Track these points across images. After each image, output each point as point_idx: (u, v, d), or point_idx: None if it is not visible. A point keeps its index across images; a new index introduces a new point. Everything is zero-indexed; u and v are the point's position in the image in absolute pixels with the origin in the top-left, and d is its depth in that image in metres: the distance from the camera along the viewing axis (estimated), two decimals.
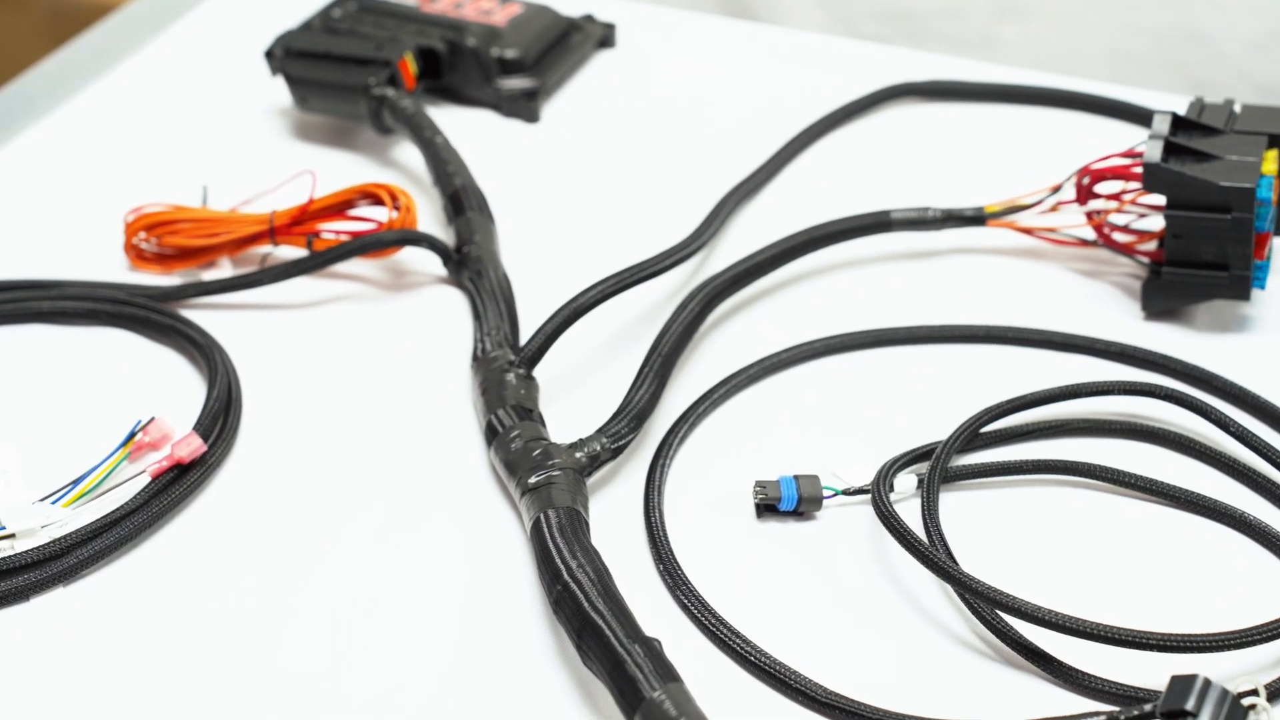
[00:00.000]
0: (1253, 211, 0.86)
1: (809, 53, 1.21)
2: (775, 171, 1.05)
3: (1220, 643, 0.70)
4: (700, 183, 1.02)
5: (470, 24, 1.12)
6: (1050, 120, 1.12)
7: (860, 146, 1.09)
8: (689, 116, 1.13)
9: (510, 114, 1.11)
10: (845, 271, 0.97)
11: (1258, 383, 0.86)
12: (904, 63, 1.18)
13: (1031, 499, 0.81)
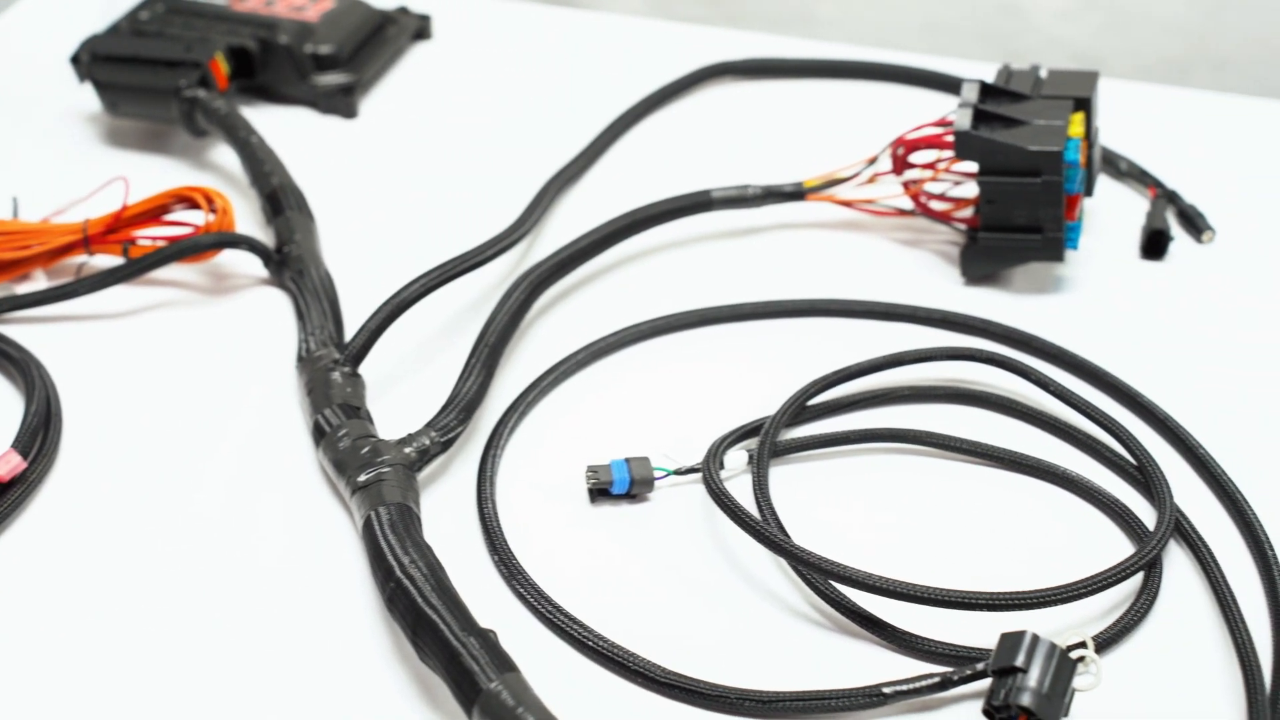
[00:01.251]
0: (1062, 174, 0.88)
1: (628, 37, 1.22)
2: (596, 156, 1.05)
3: (1048, 598, 0.71)
4: (523, 171, 1.01)
5: (282, 21, 1.10)
6: (867, 93, 1.14)
7: (680, 128, 1.10)
8: (509, 105, 1.12)
9: (327, 110, 1.10)
10: (669, 252, 0.97)
11: (1075, 341, 0.88)
12: (722, 43, 1.18)
13: (860, 468, 0.82)
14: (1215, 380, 0.87)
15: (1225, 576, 0.74)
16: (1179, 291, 0.94)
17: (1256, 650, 0.70)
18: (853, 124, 1.08)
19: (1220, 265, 0.96)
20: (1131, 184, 1.03)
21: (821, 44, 1.20)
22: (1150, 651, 0.72)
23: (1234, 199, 1.01)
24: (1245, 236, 0.98)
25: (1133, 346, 0.89)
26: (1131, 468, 0.80)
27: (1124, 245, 0.97)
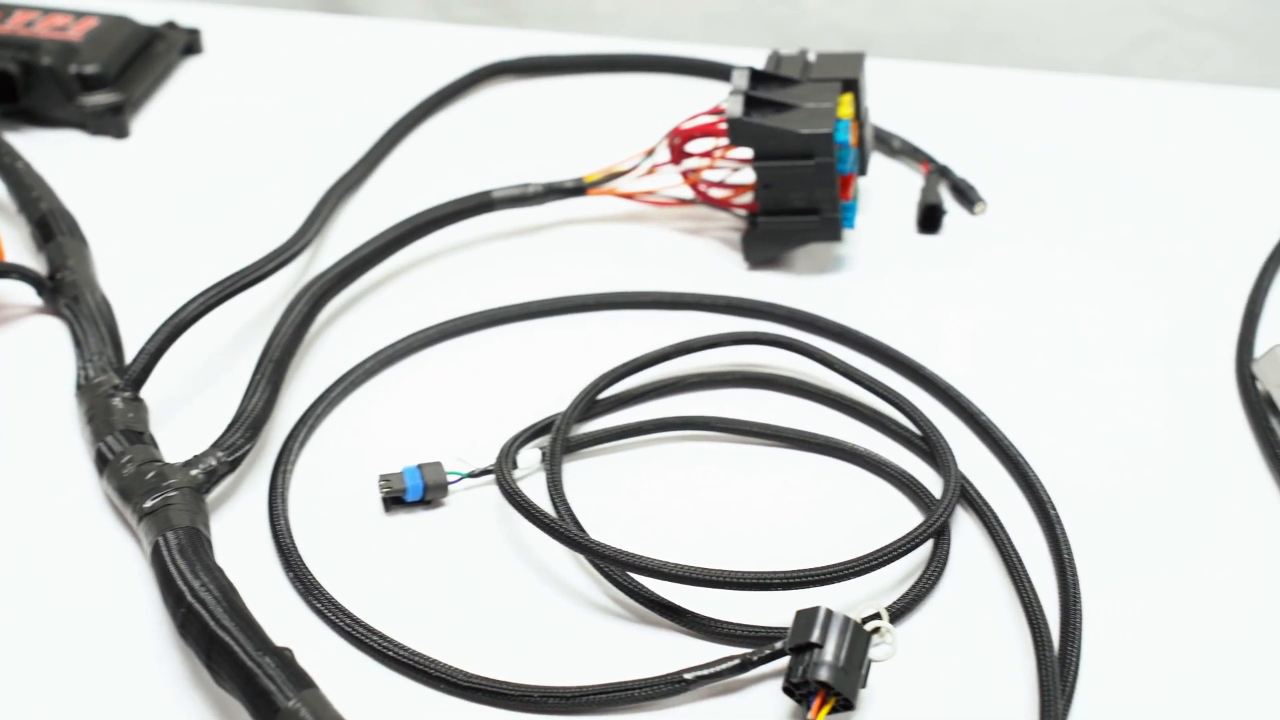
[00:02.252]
0: (834, 155, 0.89)
1: (406, 41, 1.21)
2: (375, 163, 1.04)
3: (841, 573, 0.72)
4: (303, 182, 1.00)
5: (44, 41, 1.08)
6: (646, 86, 1.14)
7: (460, 130, 1.09)
8: (286, 116, 1.11)
9: (97, 131, 1.08)
10: (453, 255, 0.96)
11: (858, 318, 0.90)
12: (501, 42, 1.18)
13: (654, 457, 0.83)
14: (994, 348, 0.89)
15: (1011, 539, 0.76)
16: (955, 263, 0.96)
17: (1044, 608, 0.72)
18: (632, 117, 1.08)
19: (994, 235, 0.99)
20: (905, 161, 1.05)
21: (600, 39, 1.20)
22: (943, 617, 0.74)
23: (1004, 169, 1.04)
24: (1016, 205, 1.01)
25: (914, 320, 0.91)
26: (917, 439, 0.82)
27: (900, 221, 0.99)
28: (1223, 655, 0.72)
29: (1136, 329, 0.91)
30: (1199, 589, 0.75)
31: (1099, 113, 1.13)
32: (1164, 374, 0.88)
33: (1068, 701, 0.68)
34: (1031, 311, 0.92)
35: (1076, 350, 0.90)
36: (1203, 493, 0.80)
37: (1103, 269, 0.96)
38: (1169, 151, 1.07)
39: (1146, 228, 1.00)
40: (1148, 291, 0.94)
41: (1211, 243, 0.98)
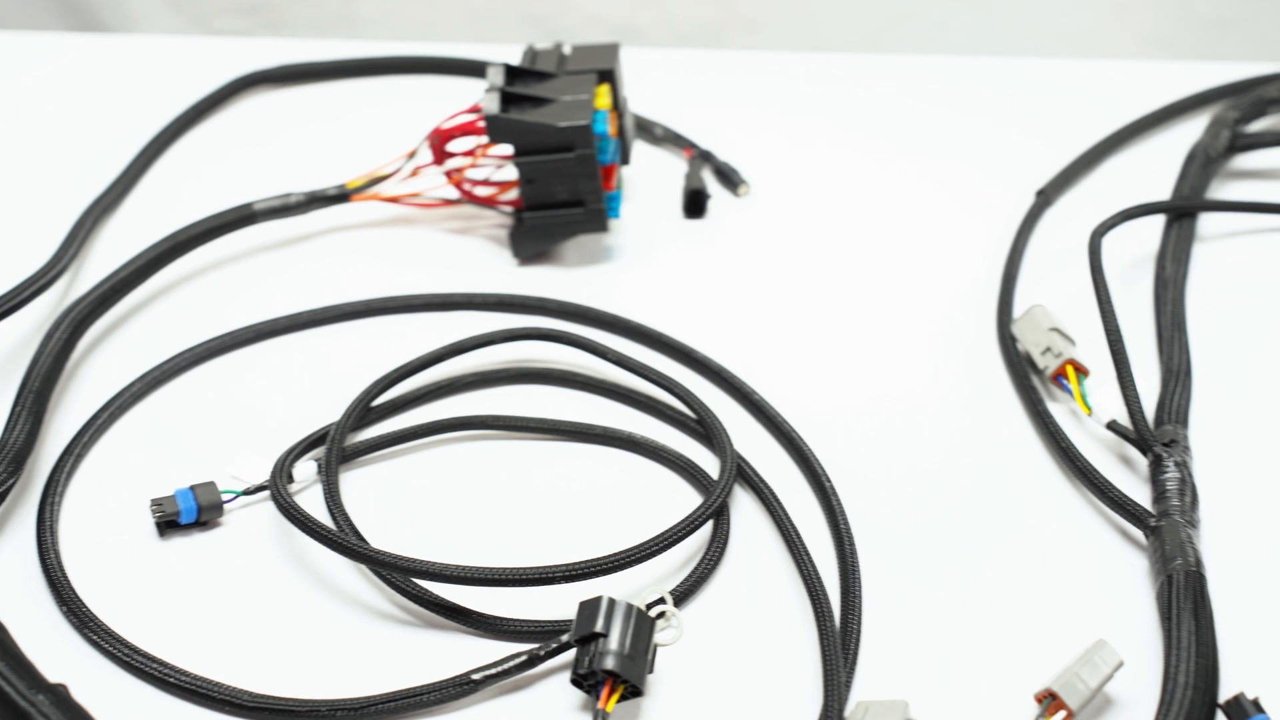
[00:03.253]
0: (593, 146, 0.90)
1: (162, 56, 1.19)
2: (133, 182, 1.02)
3: (624, 561, 0.72)
4: (59, 206, 0.97)
5: None
6: (408, 87, 1.14)
7: (219, 143, 1.07)
8: (38, 139, 1.08)
9: None
10: (218, 271, 0.95)
11: (629, 306, 0.90)
12: (262, 52, 1.16)
13: (434, 460, 0.82)
14: (764, 327, 0.90)
15: (789, 514, 0.77)
16: (722, 246, 0.97)
17: (823, 581, 0.73)
18: (396, 120, 1.07)
19: (759, 216, 1.00)
20: (668, 148, 1.05)
21: (364, 43, 1.19)
22: (727, 596, 0.74)
23: (768, 150, 1.05)
24: (780, 185, 1.02)
25: (684, 304, 0.92)
26: (692, 422, 0.82)
27: (667, 208, 1.00)
28: (997, 609, 0.73)
29: (901, 298, 0.93)
30: (973, 547, 0.77)
31: (859, 89, 1.15)
32: (929, 340, 0.90)
33: (850, 670, 0.70)
34: (800, 288, 0.94)
35: (845, 323, 0.91)
36: (972, 453, 0.82)
37: (866, 242, 0.98)
38: (924, 122, 1.10)
39: (908, 197, 1.02)
40: (910, 261, 0.96)
41: (970, 209, 1.01)
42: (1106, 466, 0.80)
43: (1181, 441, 0.79)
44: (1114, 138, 1.05)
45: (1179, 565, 0.72)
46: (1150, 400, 0.83)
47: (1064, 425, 0.82)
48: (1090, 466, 0.79)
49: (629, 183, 0.99)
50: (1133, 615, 0.73)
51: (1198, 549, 0.73)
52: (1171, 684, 0.67)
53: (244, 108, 1.11)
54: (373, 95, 1.13)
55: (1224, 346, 0.89)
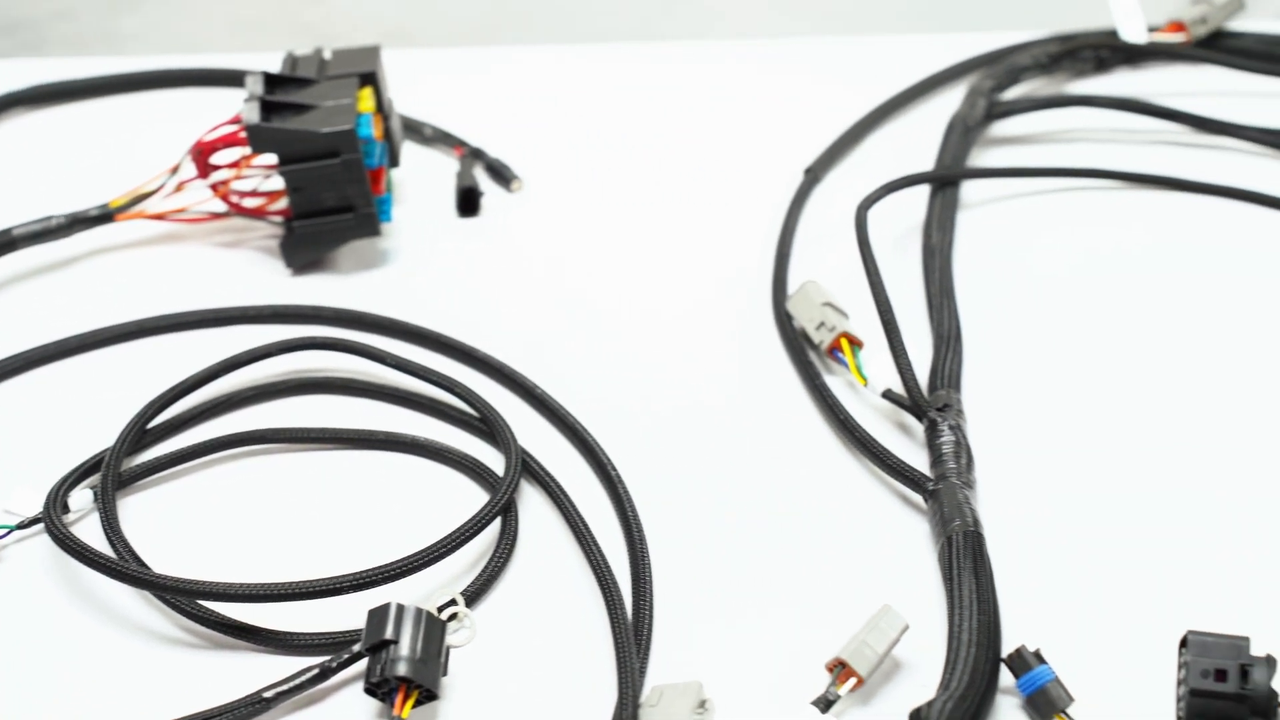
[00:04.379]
0: (359, 151, 0.89)
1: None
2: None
3: (412, 565, 0.72)
4: None
5: None
6: (173, 102, 1.12)
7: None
8: None
9: None
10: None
11: (408, 309, 0.89)
12: (21, 73, 1.13)
13: (216, 479, 0.81)
14: (544, 321, 0.91)
15: (576, 506, 0.77)
16: (498, 242, 0.97)
17: (613, 571, 0.73)
18: (160, 135, 1.05)
19: (534, 210, 1.00)
20: (439, 147, 1.05)
21: (127, 59, 1.16)
22: (519, 593, 0.74)
23: (541, 144, 1.06)
24: (554, 177, 1.03)
25: (463, 303, 0.91)
26: (476, 421, 0.82)
27: (440, 208, 0.99)
28: (786, 583, 0.74)
29: (678, 284, 0.94)
30: (760, 524, 0.78)
31: (631, 78, 1.15)
32: (707, 323, 0.91)
33: (645, 656, 0.70)
34: (578, 280, 0.94)
35: (624, 312, 0.92)
36: (754, 431, 0.83)
37: (641, 230, 0.99)
38: (695, 107, 1.11)
39: (681, 183, 1.03)
40: (686, 246, 0.97)
41: (742, 191, 1.02)
42: (885, 435, 0.81)
43: (955, 405, 0.81)
44: (877, 112, 1.07)
45: (957, 526, 0.73)
46: (925, 367, 0.85)
47: (842, 397, 0.83)
48: (868, 436, 0.80)
49: (400, 185, 0.99)
50: (918, 578, 0.74)
51: (975, 509, 0.75)
52: (955, 642, 0.68)
53: (3, 131, 1.08)
54: (135, 112, 1.10)
55: (991, 309, 0.91)
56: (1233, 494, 0.79)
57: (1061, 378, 0.87)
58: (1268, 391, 0.86)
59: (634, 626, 0.71)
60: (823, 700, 0.67)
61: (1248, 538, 0.77)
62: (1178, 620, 0.69)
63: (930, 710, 0.65)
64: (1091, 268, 0.95)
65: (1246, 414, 0.84)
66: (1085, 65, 1.13)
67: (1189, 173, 1.02)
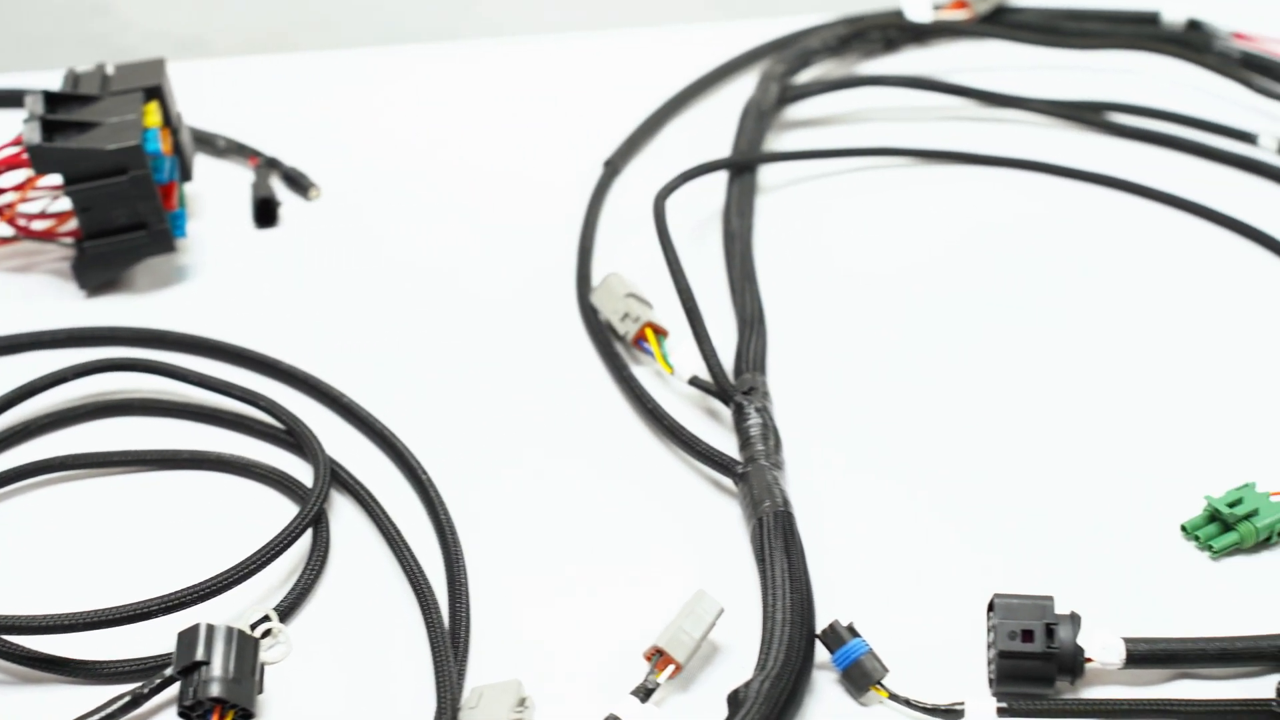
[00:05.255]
0: (147, 166, 0.87)
1: None
2: None
3: (222, 584, 0.71)
4: None
5: None
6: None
7: None
8: None
9: None
10: None
11: (210, 325, 0.88)
12: None
13: (18, 509, 0.78)
14: (351, 327, 0.90)
15: (387, 513, 0.76)
16: (299, 252, 0.96)
17: (428, 575, 0.73)
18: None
19: (333, 217, 0.99)
20: (234, 159, 1.03)
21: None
22: (335, 604, 0.73)
23: (340, 149, 1.05)
24: (353, 183, 1.02)
25: (265, 315, 0.90)
26: (283, 434, 0.81)
27: (237, 220, 0.98)
28: (604, 575, 0.75)
29: (483, 283, 0.94)
30: (576, 518, 0.78)
31: (429, 78, 1.15)
32: (514, 321, 0.91)
33: (463, 659, 0.70)
34: (383, 285, 0.93)
35: (429, 315, 0.91)
36: (566, 426, 0.83)
37: (444, 230, 0.98)
38: (493, 106, 1.11)
39: (481, 183, 1.03)
40: (489, 245, 0.97)
41: (543, 187, 1.02)
42: (693, 421, 0.82)
43: (760, 388, 0.82)
44: (672, 102, 1.08)
45: (768, 507, 0.74)
46: (731, 351, 0.86)
47: (650, 387, 0.84)
48: (676, 424, 0.81)
49: (194, 199, 0.97)
50: (732, 561, 0.75)
51: (784, 489, 0.76)
52: (770, 622, 0.69)
53: None
54: None
55: (794, 290, 0.92)
56: (1030, 459, 0.81)
57: (864, 354, 0.88)
58: (1059, 357, 0.88)
59: (451, 629, 0.71)
60: (642, 689, 0.67)
61: (1046, 501, 0.79)
62: (985, 586, 0.71)
63: (748, 691, 0.66)
64: (888, 243, 0.97)
65: (1041, 380, 0.86)
66: (874, 46, 1.15)
67: (978, 146, 1.04)
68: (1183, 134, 1.05)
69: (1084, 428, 0.83)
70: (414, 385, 0.86)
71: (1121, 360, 0.88)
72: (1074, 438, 0.83)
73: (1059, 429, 0.83)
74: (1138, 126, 1.06)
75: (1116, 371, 0.87)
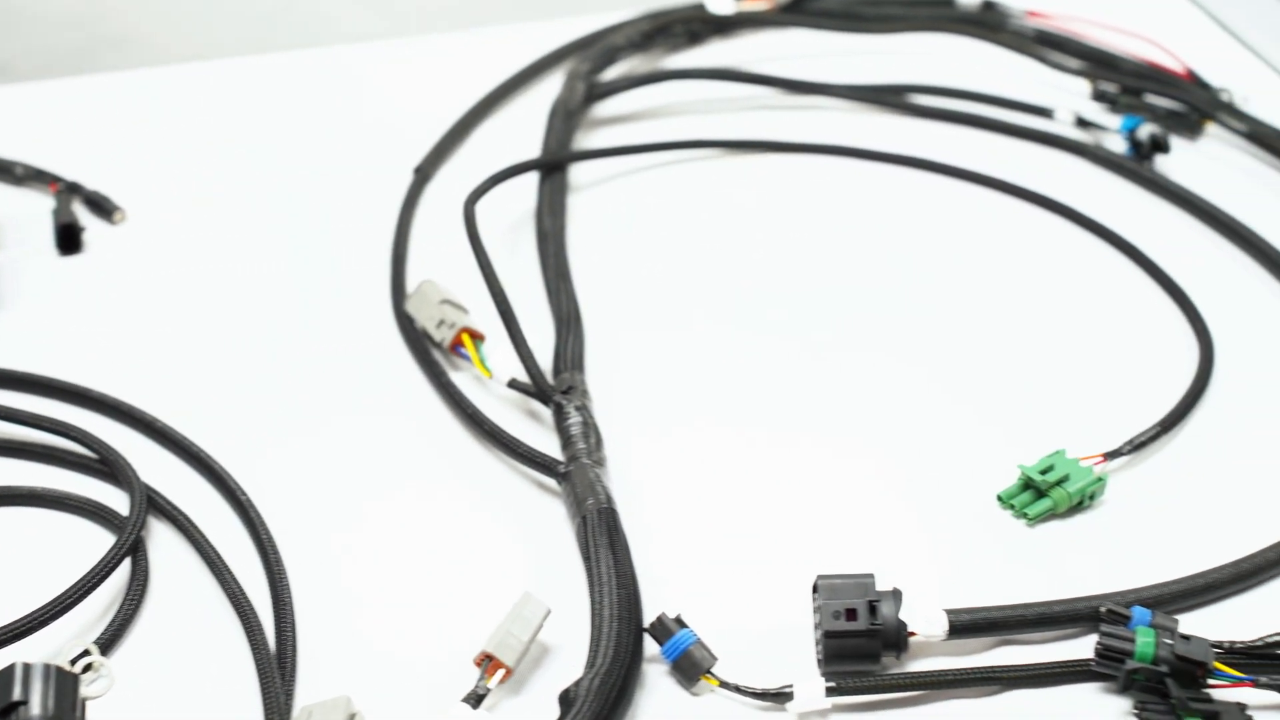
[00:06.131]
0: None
1: None
2: None
3: (38, 620, 0.69)
4: None
5: None
6: None
7: None
8: None
9: None
10: None
11: (11, 357, 0.86)
12: None
13: None
14: (163, 351, 0.88)
15: (207, 537, 0.75)
16: (105, 277, 0.94)
17: (252, 600, 0.72)
18: None
19: (140, 240, 0.97)
20: (33, 186, 1.01)
21: None
22: (157, 633, 0.72)
23: (146, 171, 1.03)
24: (160, 204, 1.00)
25: (74, 343, 0.88)
26: (96, 463, 0.79)
27: (40, 248, 0.96)
28: (432, 584, 0.74)
29: (297, 297, 0.92)
30: (401, 527, 0.77)
31: (231, 93, 1.13)
32: (329, 333, 0.90)
33: (290, 679, 0.69)
34: (194, 306, 0.92)
35: (244, 331, 0.90)
36: (387, 436, 0.83)
37: (256, 245, 0.97)
38: (300, 117, 1.09)
39: (291, 196, 1.01)
40: (302, 258, 0.95)
41: (356, 197, 1.01)
42: (515, 424, 0.82)
43: (580, 386, 0.82)
44: (480, 105, 1.07)
45: (591, 505, 0.74)
46: (551, 351, 0.86)
47: (470, 392, 0.84)
48: (497, 427, 0.81)
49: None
50: (560, 561, 0.75)
51: (607, 486, 0.76)
52: (598, 619, 0.69)
53: None
54: None
55: (610, 286, 0.92)
56: (847, 440, 0.83)
57: (681, 346, 0.89)
58: (871, 336, 0.89)
59: (278, 649, 0.70)
60: (473, 696, 0.67)
61: (866, 480, 0.80)
62: (809, 568, 0.71)
63: (578, 689, 0.66)
64: (700, 234, 0.98)
65: (854, 360, 0.88)
66: (679, 40, 1.16)
67: (784, 134, 1.05)
68: (982, 112, 1.07)
69: (898, 406, 0.85)
70: (230, 406, 0.85)
71: (932, 336, 0.89)
72: (889, 416, 0.84)
73: (874, 409, 0.84)
74: (938, 106, 1.08)
75: (927, 347, 0.89)
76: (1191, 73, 1.09)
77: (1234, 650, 0.69)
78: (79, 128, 1.09)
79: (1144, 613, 0.70)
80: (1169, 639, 0.68)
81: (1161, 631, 0.68)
